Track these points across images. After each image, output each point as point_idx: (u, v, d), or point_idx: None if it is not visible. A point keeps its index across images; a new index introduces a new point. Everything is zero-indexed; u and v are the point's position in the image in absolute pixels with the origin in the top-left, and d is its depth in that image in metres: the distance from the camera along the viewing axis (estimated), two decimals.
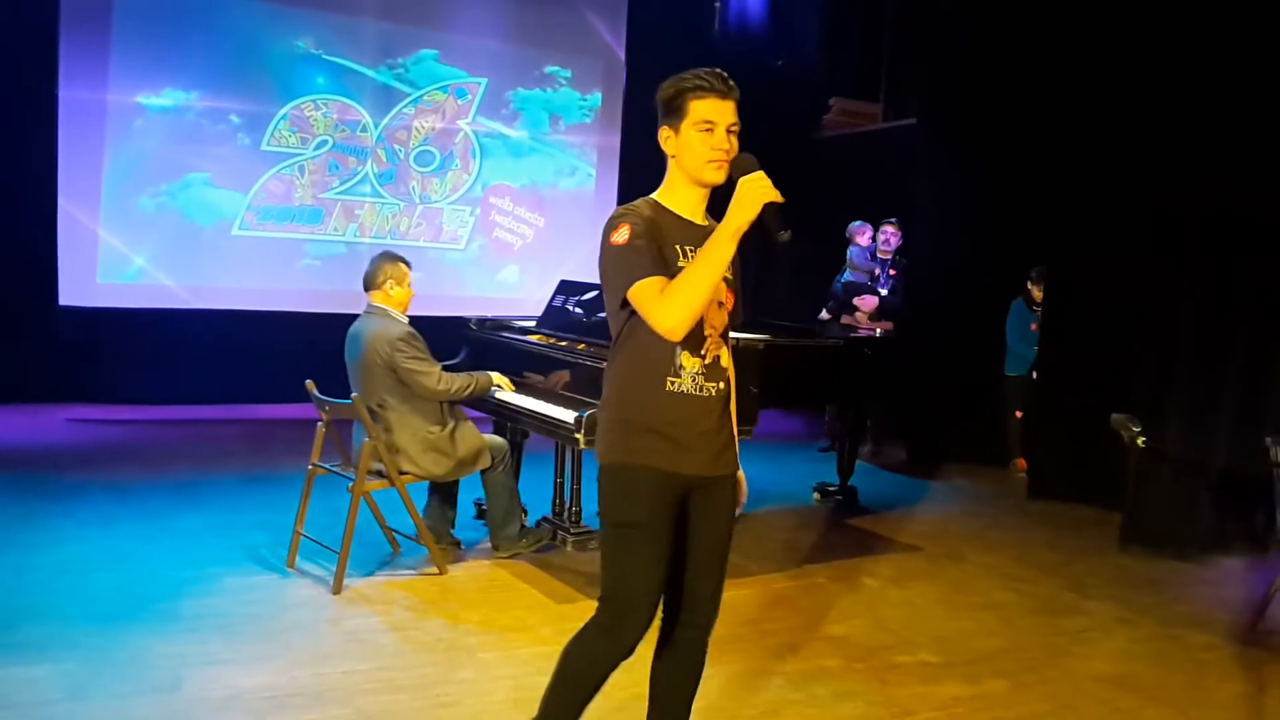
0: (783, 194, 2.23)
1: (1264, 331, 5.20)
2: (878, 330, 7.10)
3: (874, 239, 7.44)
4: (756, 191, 2.17)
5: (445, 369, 4.43)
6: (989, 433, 7.26)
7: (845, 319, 7.34)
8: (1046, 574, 4.87)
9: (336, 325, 7.92)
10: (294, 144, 8.12)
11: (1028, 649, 3.92)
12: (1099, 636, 4.09)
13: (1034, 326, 6.91)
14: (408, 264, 4.52)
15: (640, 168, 8.65)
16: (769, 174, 2.23)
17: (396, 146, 8.50)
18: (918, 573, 4.81)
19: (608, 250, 2.27)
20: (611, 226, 2.28)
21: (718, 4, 9.85)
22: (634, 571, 2.32)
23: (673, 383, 2.31)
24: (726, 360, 2.39)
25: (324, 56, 8.15)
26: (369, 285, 4.47)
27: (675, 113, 2.30)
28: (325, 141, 8.22)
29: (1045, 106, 6.50)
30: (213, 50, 7.76)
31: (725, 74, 2.31)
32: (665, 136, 2.34)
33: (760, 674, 3.53)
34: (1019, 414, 7.09)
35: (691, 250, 2.28)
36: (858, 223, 7.51)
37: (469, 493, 4.89)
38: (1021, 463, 6.99)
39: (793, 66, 9.64)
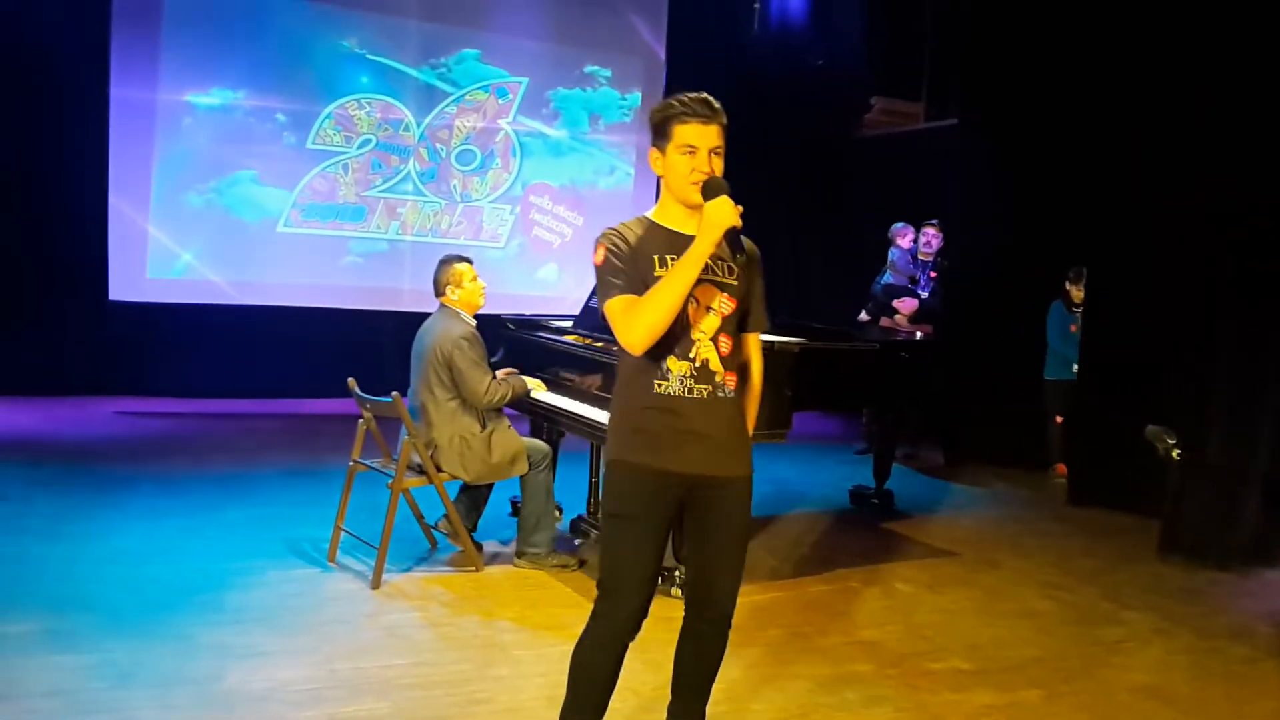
0: (822, 194, 2.34)
1: None
2: (917, 333, 7.06)
3: (915, 241, 7.39)
4: (719, 215, 2.32)
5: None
6: (1028, 437, 7.19)
7: (885, 321, 7.30)
8: (1084, 582, 4.83)
9: (378, 322, 8.16)
10: (338, 143, 8.24)
11: (1063, 658, 3.89)
12: (1136, 647, 4.05)
13: (1074, 328, 6.83)
14: (467, 260, 4.56)
15: None
16: (807, 173, 2.30)
17: (438, 145, 8.58)
18: (953, 578, 4.79)
19: (595, 270, 2.47)
20: (595, 247, 2.46)
21: (757, 4, 9.83)
22: (622, 560, 2.49)
23: (660, 385, 2.44)
24: (717, 364, 2.46)
25: (368, 56, 8.25)
26: (435, 290, 4.54)
27: (662, 136, 2.45)
28: (369, 140, 8.33)
29: (1086, 108, 6.43)
30: (260, 50, 7.89)
31: (711, 99, 2.43)
32: (654, 158, 2.51)
33: (791, 676, 3.55)
34: (1059, 419, 7.01)
35: (672, 259, 2.41)
36: (900, 224, 7.46)
37: (507, 491, 4.94)
38: (1061, 468, 6.92)
39: (833, 66, 9.60)
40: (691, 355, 2.43)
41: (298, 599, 4.01)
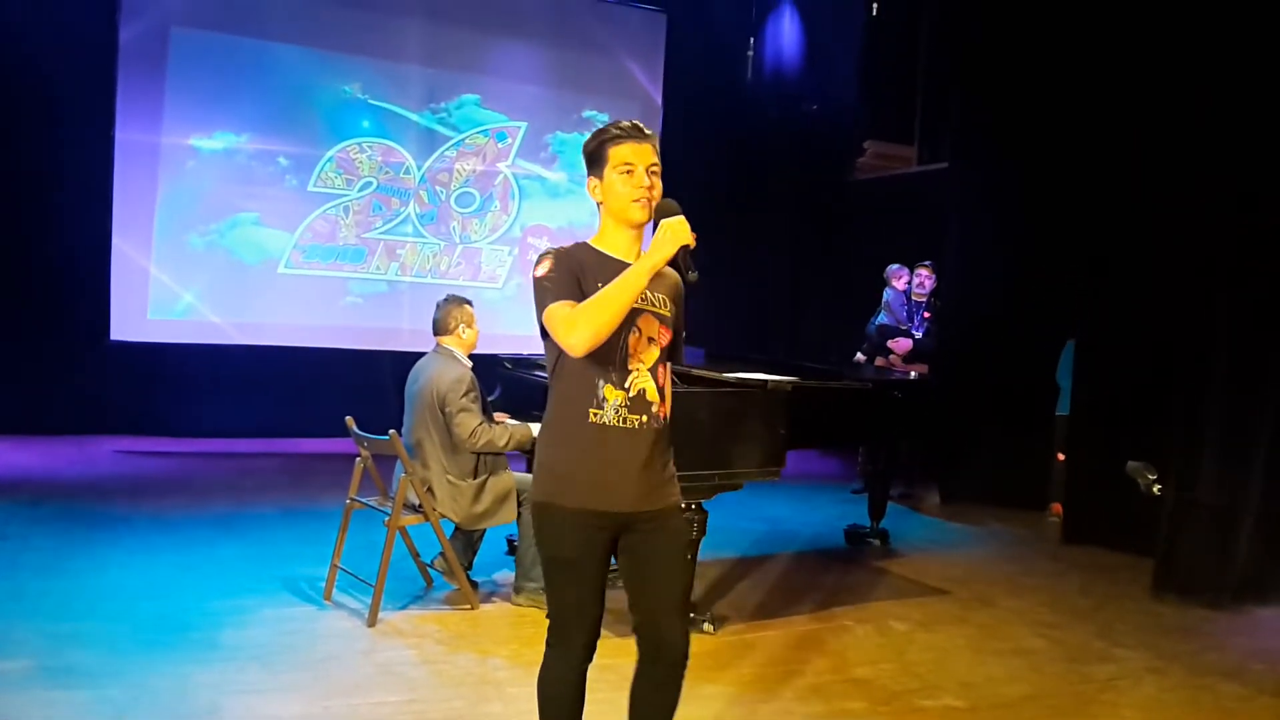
0: (816, 236, 2.36)
1: None
2: (912, 373, 7.11)
3: (909, 282, 7.47)
4: (675, 232, 2.32)
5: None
6: (1023, 476, 7.21)
7: (879, 361, 7.36)
8: (1077, 620, 4.84)
9: (378, 362, 8.22)
10: (339, 185, 8.35)
11: (1055, 696, 3.90)
12: (1128, 685, 4.06)
13: None
14: (470, 303, 4.62)
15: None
16: (801, 216, 2.34)
17: (438, 188, 8.70)
18: (947, 617, 4.80)
19: (534, 286, 2.42)
20: (536, 264, 2.45)
21: (751, 51, 10.01)
22: (567, 599, 2.48)
23: (595, 414, 2.41)
24: (654, 395, 2.46)
25: (370, 101, 8.39)
26: (439, 330, 4.55)
27: (598, 162, 2.48)
28: (369, 183, 8.45)
29: (1075, 153, 6.53)
30: (263, 95, 8.03)
31: (641, 124, 2.49)
32: (593, 186, 2.51)
33: (784, 714, 3.56)
34: (1060, 456, 7.02)
35: None
36: (895, 265, 7.54)
37: (504, 528, 4.96)
38: (1057, 507, 6.94)
39: (826, 110, 9.75)
40: (628, 385, 2.42)
41: (293, 636, 4.02)
